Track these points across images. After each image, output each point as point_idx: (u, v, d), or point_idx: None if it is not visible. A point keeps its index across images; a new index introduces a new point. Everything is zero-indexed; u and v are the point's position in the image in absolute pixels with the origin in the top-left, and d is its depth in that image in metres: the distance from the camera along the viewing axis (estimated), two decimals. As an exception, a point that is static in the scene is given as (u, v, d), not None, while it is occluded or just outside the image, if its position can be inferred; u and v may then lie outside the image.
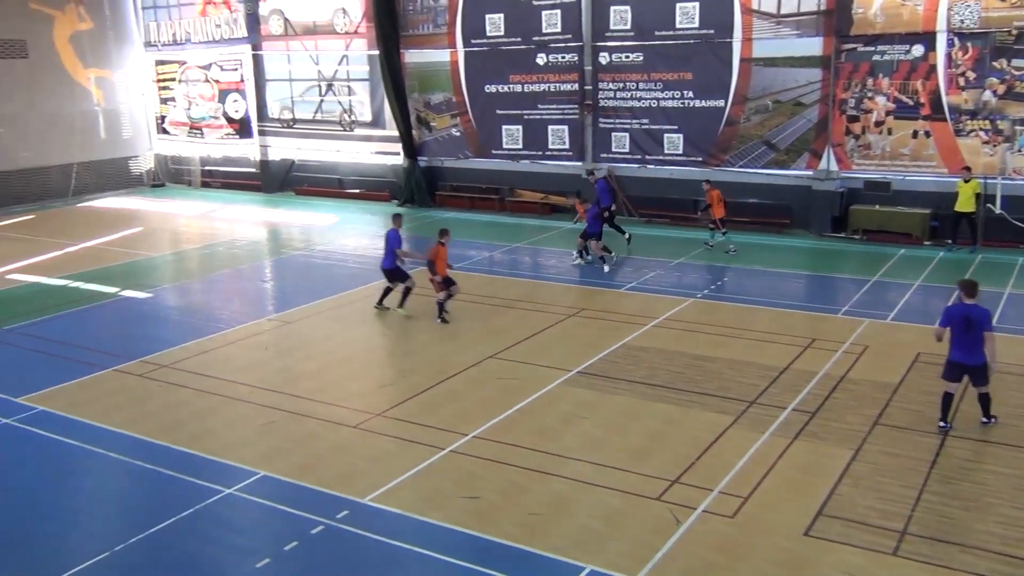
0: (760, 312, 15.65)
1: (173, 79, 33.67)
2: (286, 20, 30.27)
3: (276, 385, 12.70)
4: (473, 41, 26.51)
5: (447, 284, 15.76)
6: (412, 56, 27.72)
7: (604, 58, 24.58)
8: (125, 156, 33.66)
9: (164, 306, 17.59)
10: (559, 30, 25.10)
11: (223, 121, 32.62)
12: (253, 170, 32.19)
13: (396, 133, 28.21)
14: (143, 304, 17.67)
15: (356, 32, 28.81)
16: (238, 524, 8.98)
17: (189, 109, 33.53)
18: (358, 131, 29.64)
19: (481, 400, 11.91)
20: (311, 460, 10.24)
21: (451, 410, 11.57)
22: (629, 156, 24.63)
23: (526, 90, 25.92)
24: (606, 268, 19.06)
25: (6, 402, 12.27)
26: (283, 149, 31.60)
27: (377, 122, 29.16)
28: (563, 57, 25.20)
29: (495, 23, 26.09)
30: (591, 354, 13.52)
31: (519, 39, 25.74)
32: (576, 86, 25.12)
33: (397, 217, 16.67)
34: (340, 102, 29.90)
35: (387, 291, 16.41)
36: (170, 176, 34.46)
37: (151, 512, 9.16)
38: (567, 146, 25.62)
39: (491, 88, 26.47)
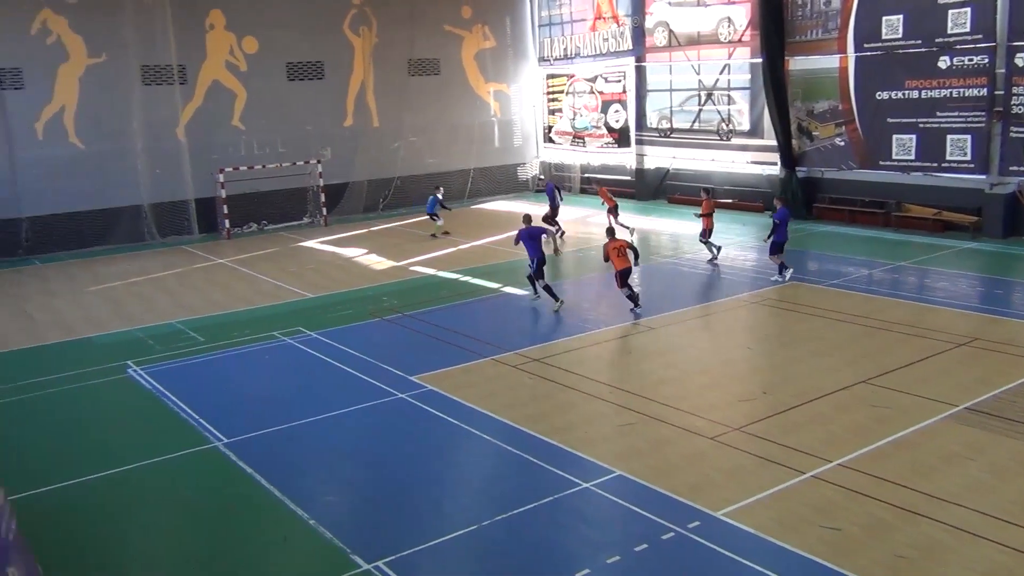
0: None
1: (561, 91, 35.64)
2: (671, 32, 30.66)
3: (636, 388, 12.89)
4: (866, 45, 24.87)
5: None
6: (797, 63, 26.71)
7: (1022, 59, 21.80)
8: (514, 163, 36.29)
9: (539, 304, 18.63)
10: (968, 30, 22.71)
11: (604, 131, 33.88)
12: (629, 178, 33.05)
13: (774, 143, 27.38)
14: (520, 300, 18.85)
15: (740, 41, 28.42)
16: (592, 518, 9.23)
17: (574, 119, 35.28)
18: (735, 140, 29.21)
19: (849, 426, 11.12)
20: (665, 465, 10.24)
21: (815, 433, 10.94)
22: (1045, 170, 21.62)
23: (924, 96, 23.79)
24: (783, 278, 18.74)
25: (402, 379, 13.75)
26: (658, 158, 32.06)
27: (755, 131, 28.53)
28: (971, 60, 22.75)
29: (892, 25, 24.25)
30: (983, 390, 12.05)
31: (919, 41, 23.69)
32: (985, 91, 22.56)
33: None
34: (719, 111, 29.68)
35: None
36: (552, 182, 36.46)
37: (514, 495, 9.72)
38: (969, 157, 23.11)
39: (883, 95, 24.66)
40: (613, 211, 24.26)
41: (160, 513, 10.02)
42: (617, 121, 33.24)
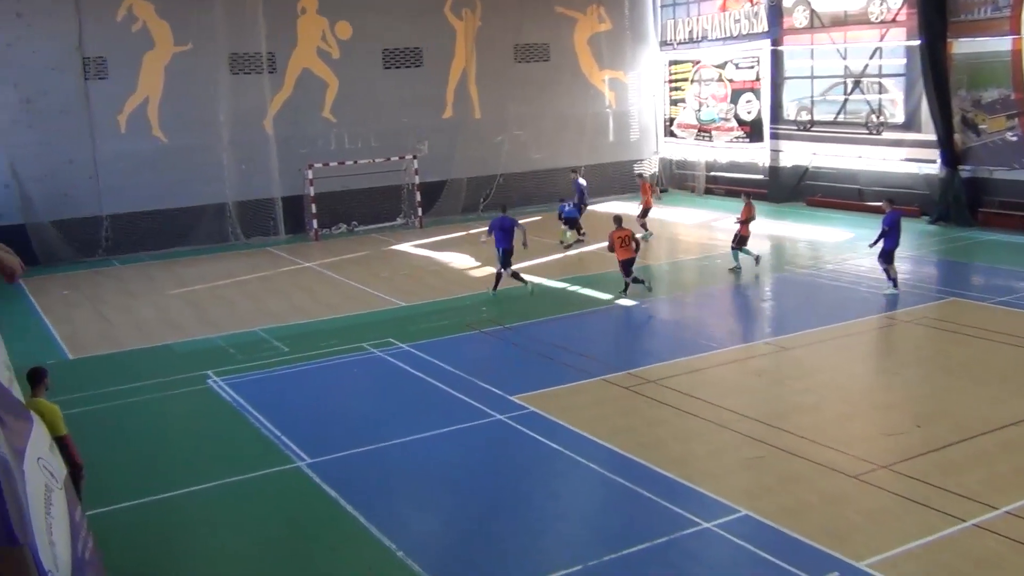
0: None
1: (685, 79, 35.38)
2: (812, 11, 30.07)
3: (766, 416, 12.66)
4: (1045, 25, 23.87)
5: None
6: (961, 46, 25.80)
7: None
8: (630, 159, 36.14)
9: (655, 318, 18.49)
10: None
11: (733, 123, 33.44)
12: (761, 177, 32.51)
13: (933, 137, 26.53)
14: (634, 314, 18.75)
15: (894, 20, 27.65)
16: (713, 563, 9.09)
17: (699, 111, 34.95)
18: (886, 134, 28.42)
19: (1019, 468, 10.67)
20: (798, 506, 10.01)
21: (978, 475, 10.52)
22: None
23: (1115, 84, 22.67)
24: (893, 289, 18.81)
25: (501, 399, 13.84)
26: (796, 154, 31.46)
27: (910, 124, 27.70)
28: None
29: (1078, 1, 23.21)
30: None
31: (1110, 20, 22.59)
32: None
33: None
34: (868, 101, 28.94)
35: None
36: (673, 181, 36.27)
37: (624, 532, 9.66)
38: None
39: (1065, 82, 23.62)
40: (643, 212, 26.17)
41: (238, 536, 10.36)
42: (749, 112, 32.77)
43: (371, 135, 31.26)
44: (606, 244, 19.73)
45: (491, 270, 23.34)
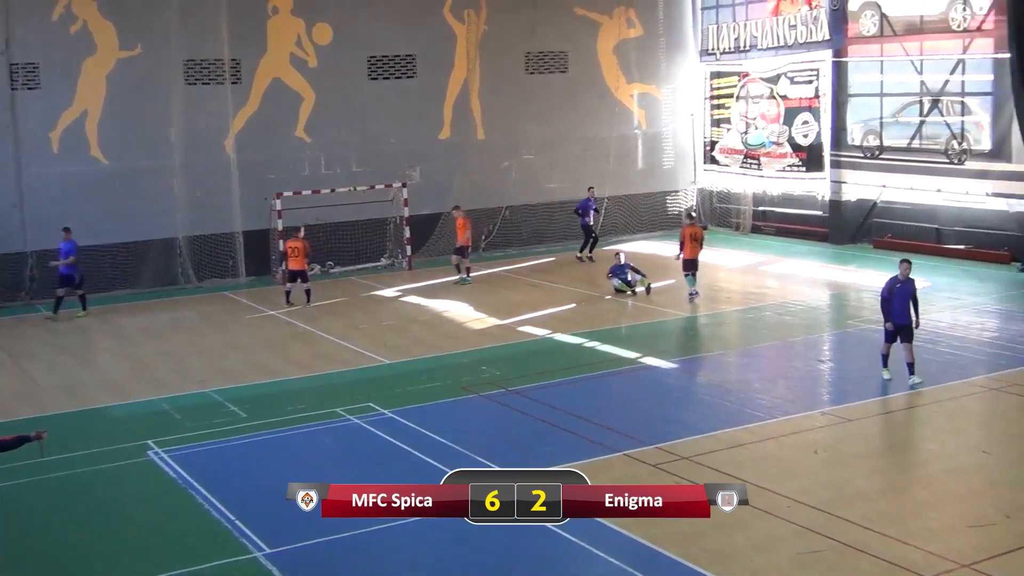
0: None
1: (730, 95, 35.61)
2: (883, 16, 30.33)
3: (824, 502, 12.58)
4: None
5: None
6: (1060, 59, 26.00)
7: None
8: (663, 191, 36.27)
9: (691, 381, 18.44)
10: None
11: (787, 149, 33.56)
12: (819, 213, 32.59)
13: (1027, 168, 26.65)
14: (666, 376, 18.72)
15: (979, 29, 27.86)
16: None
17: (746, 133, 35.14)
18: (970, 164, 28.49)
19: None
20: (863, 614, 9.93)
21: (1081, 577, 10.44)
22: None
23: None
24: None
25: (502, 477, 13.74)
26: (862, 187, 31.56)
27: (1000, 152, 27.78)
28: None
29: None
30: None
31: None
32: None
33: None
34: (948, 124, 29.05)
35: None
36: (714, 217, 36.35)
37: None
38: None
39: None
40: (690, 264, 24.64)
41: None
42: (806, 136, 32.93)
43: (353, 159, 31.44)
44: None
45: (494, 321, 23.40)
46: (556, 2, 33.97)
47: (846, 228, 31.92)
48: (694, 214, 28.59)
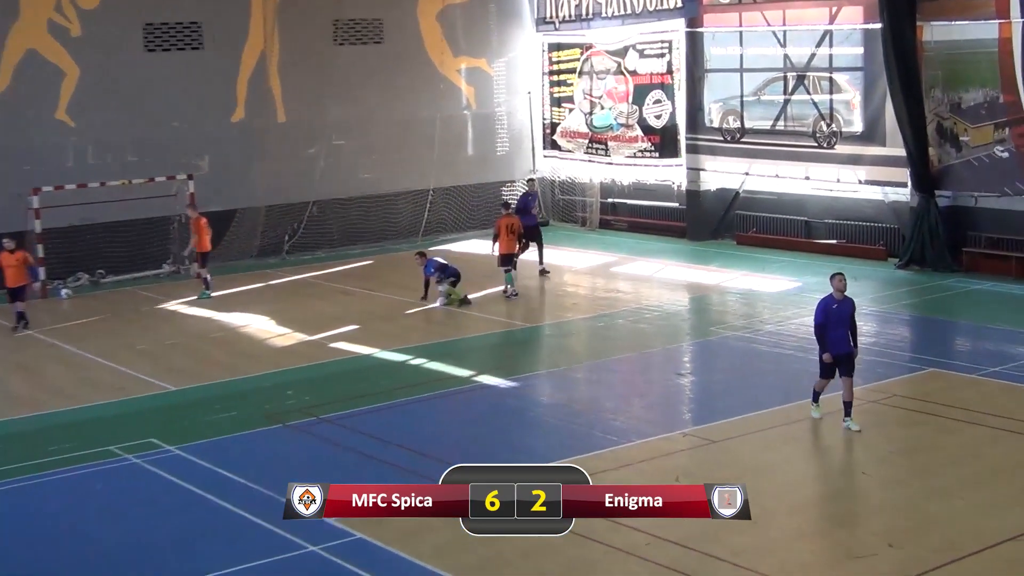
0: None
1: (572, 71, 35.91)
2: (740, -20, 31.05)
3: (687, 537, 12.61)
4: (1042, 6, 25.20)
5: None
6: (937, 32, 26.95)
7: None
8: (497, 181, 36.34)
9: (533, 401, 18.42)
10: None
11: (637, 131, 33.98)
12: (675, 205, 33.16)
13: (902, 152, 27.50)
14: (505, 396, 18.66)
15: (847, -5, 28.70)
16: None
17: (591, 114, 35.47)
18: (841, 148, 29.33)
19: (1027, 601, 10.98)
20: (735, 666, 10.02)
21: (972, 612, 10.78)
22: None
23: None
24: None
25: (316, 523, 13.28)
26: (722, 174, 32.20)
27: (872, 135, 28.66)
28: None
29: (1082, -26, 24.63)
30: None
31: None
32: None
33: None
34: (816, 103, 29.86)
35: None
36: (557, 211, 36.62)
37: None
38: None
39: (1069, 81, 24.95)
40: (506, 260, 26.33)
41: None
42: (658, 117, 33.43)
43: (127, 147, 30.74)
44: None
45: (300, 337, 23.07)
46: (368, -39, 33.85)
47: (706, 222, 32.51)
48: (512, 203, 29.07)
